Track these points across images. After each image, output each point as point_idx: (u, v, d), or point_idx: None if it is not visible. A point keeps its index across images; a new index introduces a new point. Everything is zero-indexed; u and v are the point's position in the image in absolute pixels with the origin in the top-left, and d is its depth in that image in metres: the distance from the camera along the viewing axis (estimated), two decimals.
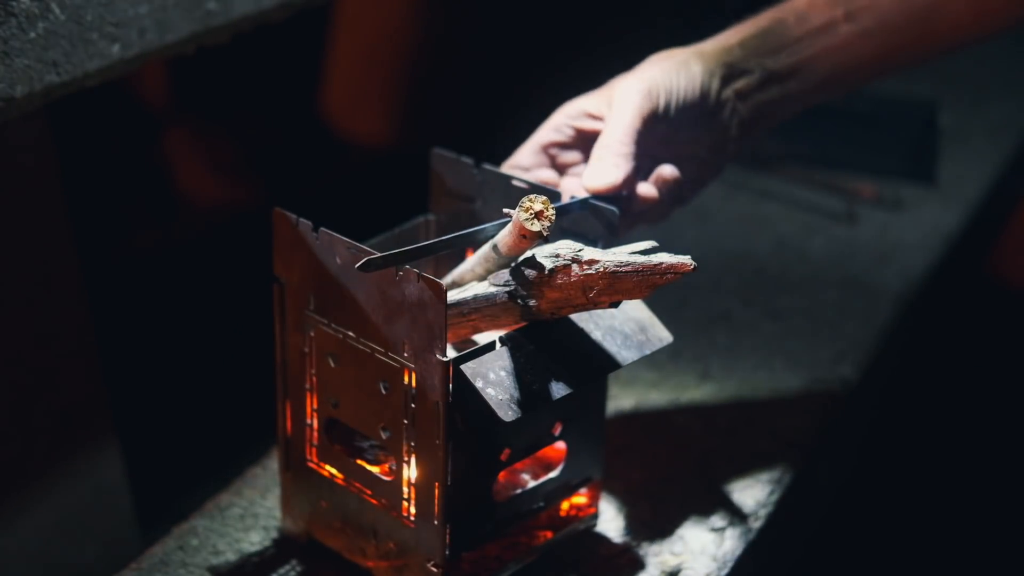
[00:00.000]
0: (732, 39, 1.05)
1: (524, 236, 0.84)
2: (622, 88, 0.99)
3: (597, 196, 0.93)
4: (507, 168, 1.00)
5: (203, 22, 1.00)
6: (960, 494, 1.50)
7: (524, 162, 1.00)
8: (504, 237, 0.86)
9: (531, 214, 0.83)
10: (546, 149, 1.01)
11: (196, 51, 1.02)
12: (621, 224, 0.95)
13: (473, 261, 0.93)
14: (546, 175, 1.01)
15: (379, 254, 0.84)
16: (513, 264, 0.87)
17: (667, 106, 0.99)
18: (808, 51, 1.05)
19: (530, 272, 0.85)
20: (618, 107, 0.98)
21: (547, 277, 0.84)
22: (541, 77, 1.84)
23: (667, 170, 0.99)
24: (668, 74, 1.00)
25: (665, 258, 0.83)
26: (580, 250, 0.84)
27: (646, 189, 0.97)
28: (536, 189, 0.94)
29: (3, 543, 1.13)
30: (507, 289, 0.86)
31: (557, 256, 0.84)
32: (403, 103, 1.70)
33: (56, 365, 1.16)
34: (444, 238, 0.89)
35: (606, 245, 0.91)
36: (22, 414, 1.14)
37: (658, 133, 0.99)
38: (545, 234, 0.83)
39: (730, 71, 1.03)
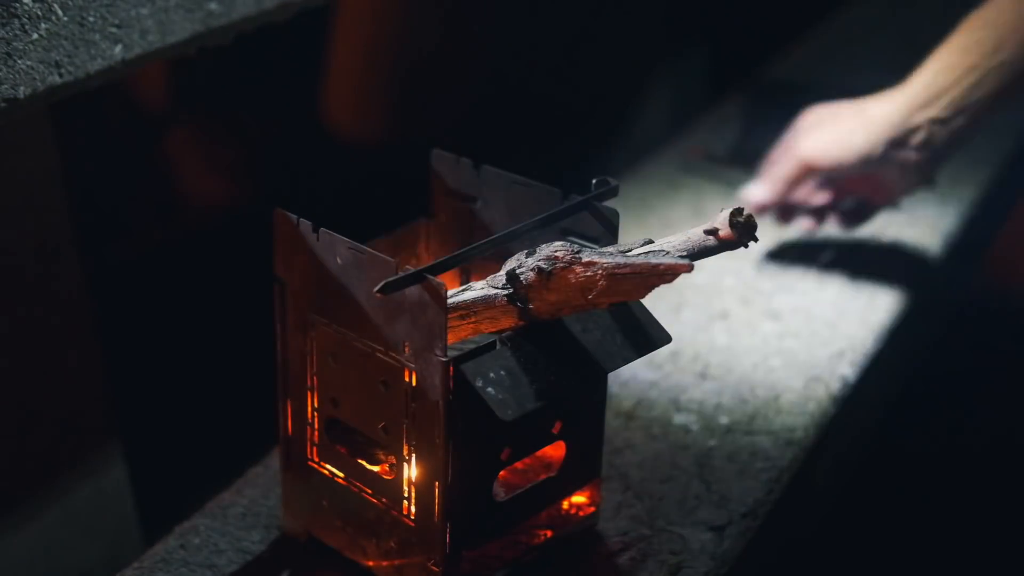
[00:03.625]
0: (898, 99, 1.21)
1: (721, 238, 0.83)
2: (790, 149, 1.28)
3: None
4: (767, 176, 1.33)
5: (205, 23, 1.00)
6: (960, 494, 1.50)
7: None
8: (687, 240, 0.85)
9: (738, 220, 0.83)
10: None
11: (198, 52, 1.02)
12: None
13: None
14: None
15: (397, 276, 0.83)
16: (509, 265, 0.87)
17: (825, 176, 1.28)
18: (965, 94, 1.18)
19: (528, 275, 0.85)
20: (782, 159, 1.29)
21: (545, 280, 0.84)
22: (541, 78, 1.84)
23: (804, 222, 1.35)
24: (828, 150, 1.24)
25: (663, 259, 0.83)
26: (578, 252, 0.84)
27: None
28: (536, 187, 0.95)
29: (6, 542, 1.13)
30: (506, 292, 0.86)
31: (555, 259, 0.84)
32: (403, 103, 1.70)
33: (58, 365, 1.17)
34: (466, 250, 0.88)
35: (604, 245, 0.91)
36: (24, 414, 1.14)
37: (816, 186, 1.32)
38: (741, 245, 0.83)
39: (897, 133, 1.21)
